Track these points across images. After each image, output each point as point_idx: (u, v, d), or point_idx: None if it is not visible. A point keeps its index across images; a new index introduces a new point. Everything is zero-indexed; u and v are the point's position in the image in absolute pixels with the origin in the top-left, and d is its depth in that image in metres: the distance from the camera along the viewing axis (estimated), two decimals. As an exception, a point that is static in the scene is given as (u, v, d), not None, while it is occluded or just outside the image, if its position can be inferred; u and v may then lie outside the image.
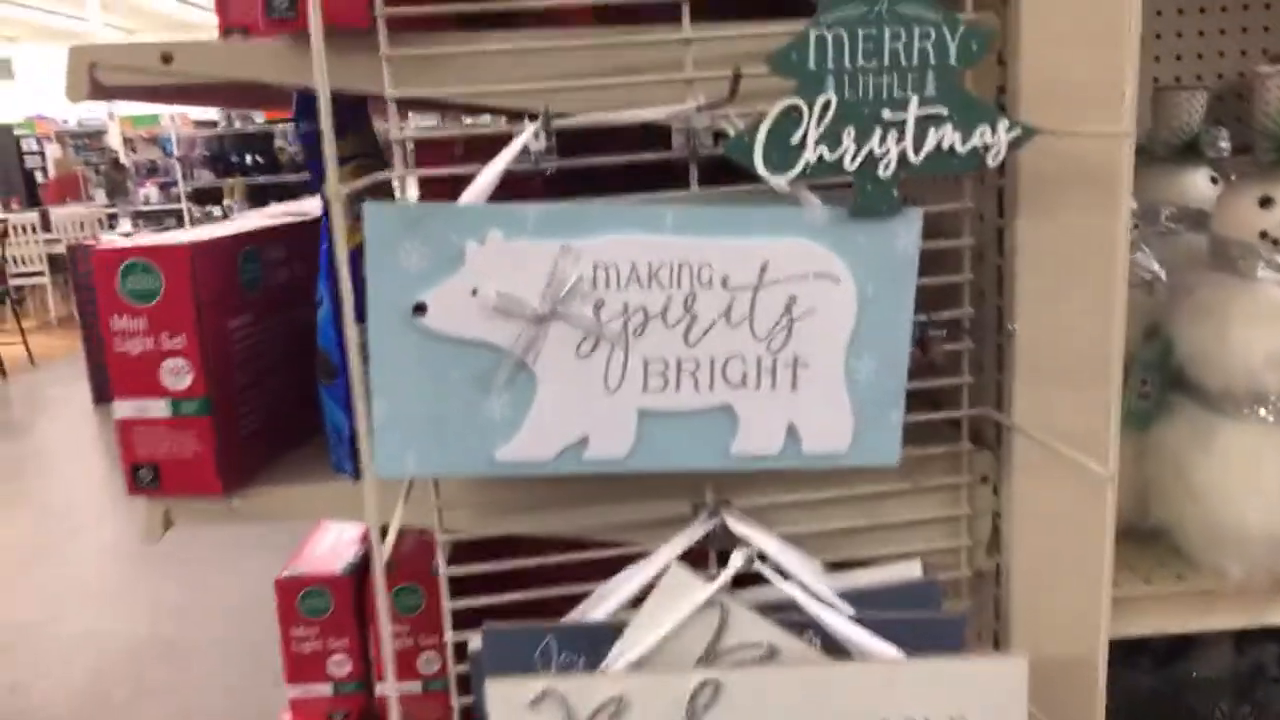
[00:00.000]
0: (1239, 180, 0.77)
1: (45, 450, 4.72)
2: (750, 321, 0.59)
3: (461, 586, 0.67)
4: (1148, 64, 1.06)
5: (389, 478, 0.59)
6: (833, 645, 0.62)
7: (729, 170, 0.59)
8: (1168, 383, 0.75)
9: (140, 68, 0.64)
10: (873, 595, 0.65)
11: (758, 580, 0.63)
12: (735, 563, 0.61)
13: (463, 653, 0.67)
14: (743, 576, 0.62)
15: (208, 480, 0.69)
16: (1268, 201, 0.71)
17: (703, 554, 0.65)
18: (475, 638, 0.65)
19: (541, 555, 0.68)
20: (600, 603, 0.64)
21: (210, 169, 9.41)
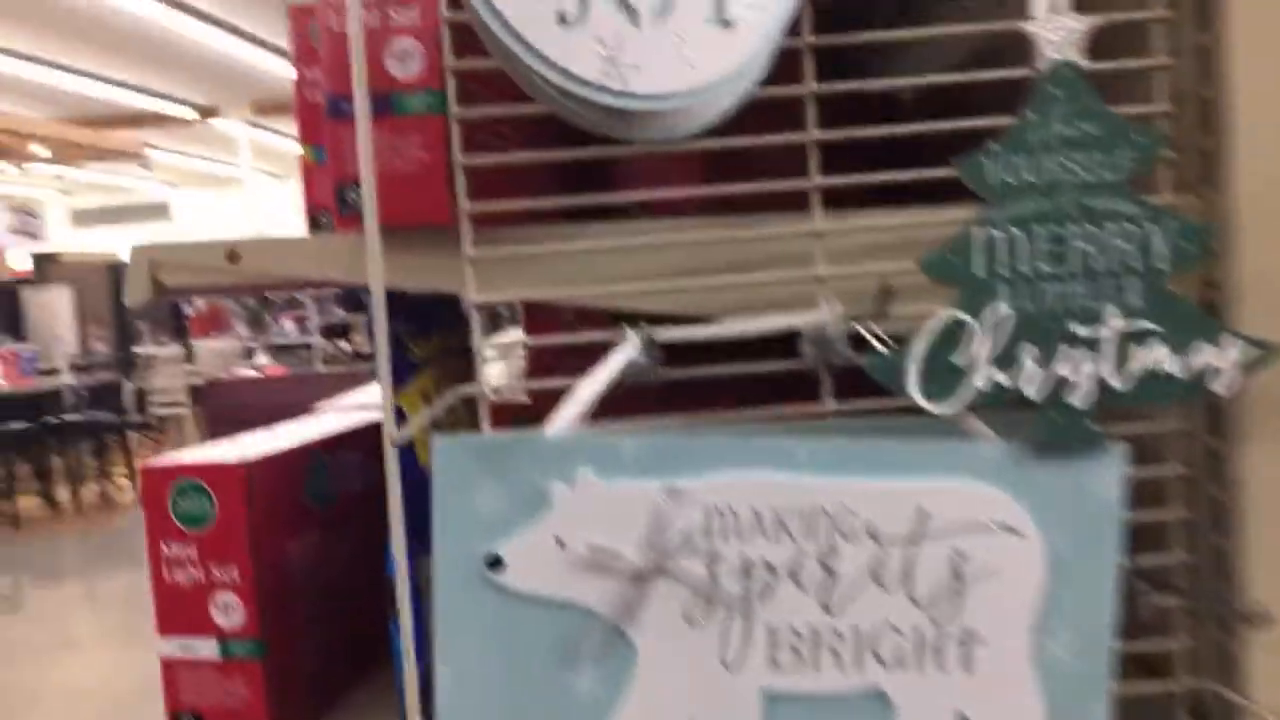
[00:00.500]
0: None
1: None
2: (907, 584, 0.46)
3: None
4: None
5: (453, 769, 0.48)
6: None
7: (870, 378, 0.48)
8: None
9: (206, 267, 0.57)
10: None
11: None
12: None
13: None
14: None
15: (258, 733, 0.59)
16: None
17: None
18: None
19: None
20: None
21: (342, 305, 9.84)
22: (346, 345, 8.81)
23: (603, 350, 0.52)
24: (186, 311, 10.71)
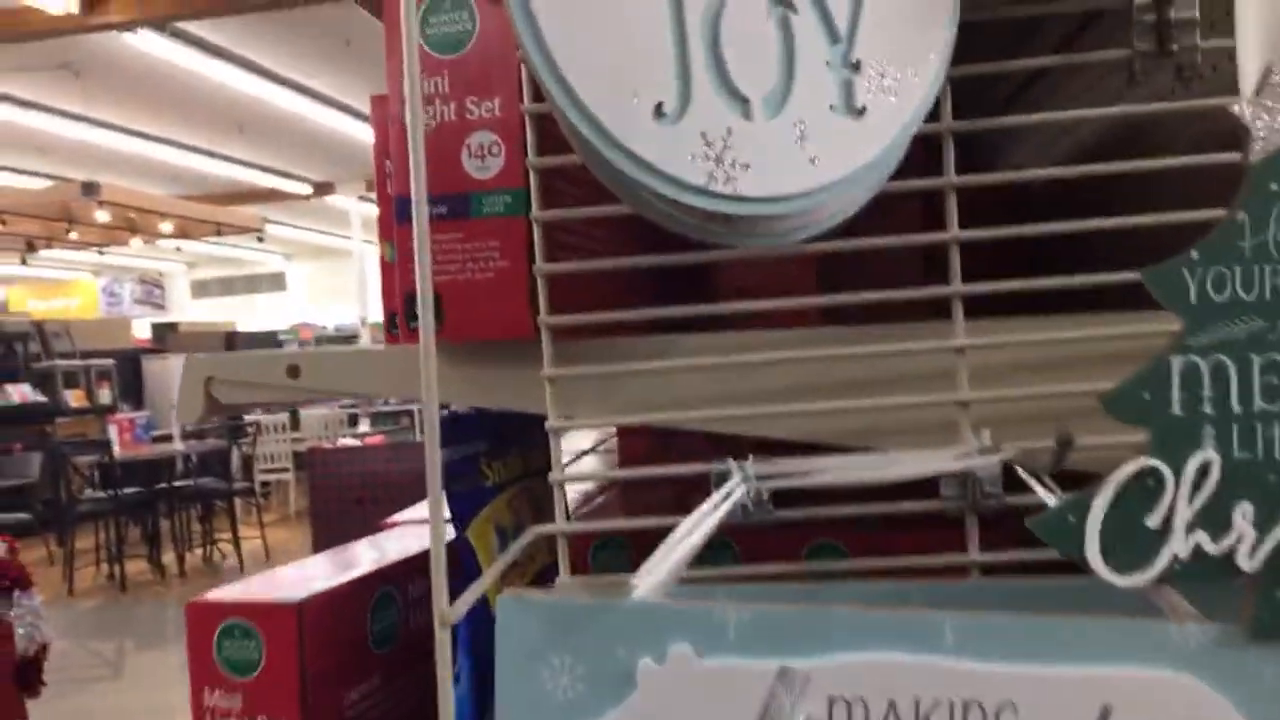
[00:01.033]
0: None
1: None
2: (1085, 805, 0.37)
3: None
4: None
5: None
6: None
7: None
8: None
9: (264, 383, 0.52)
10: None
11: None
12: None
13: None
14: None
15: None
16: None
17: None
18: None
19: None
20: None
21: (443, 372, 9.97)
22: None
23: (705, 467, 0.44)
24: (295, 379, 11.04)
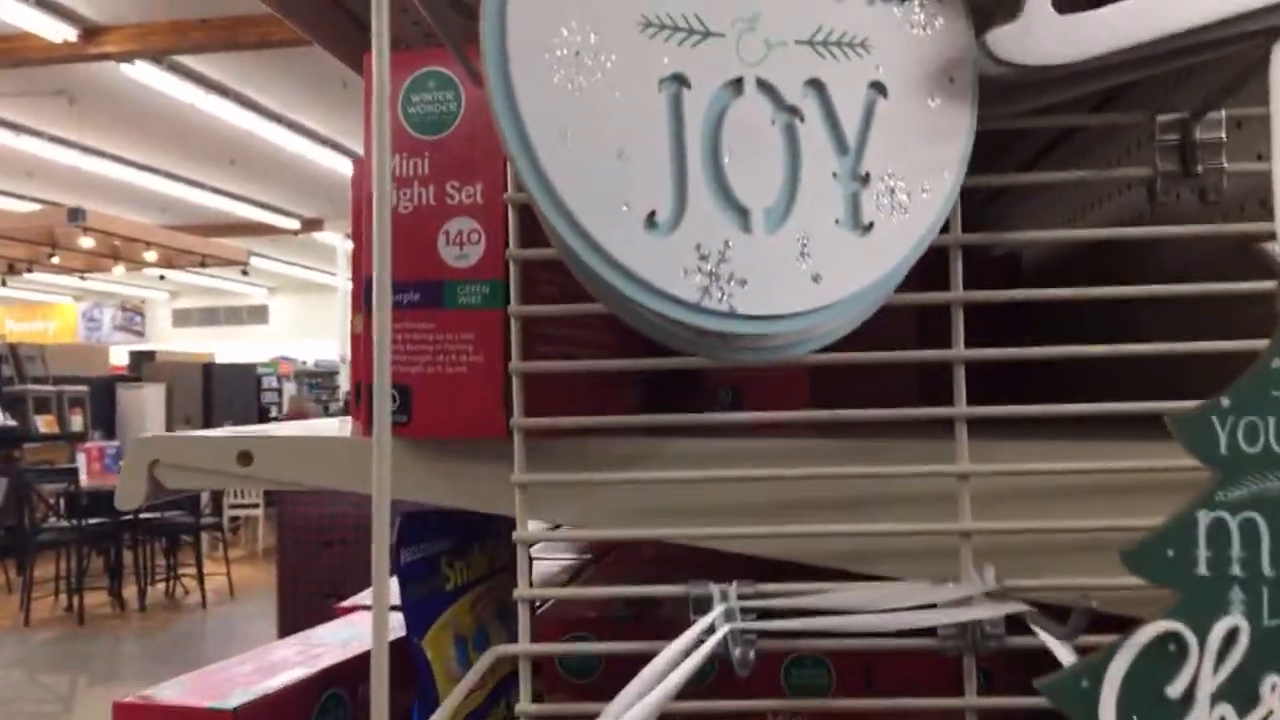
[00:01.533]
0: None
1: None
2: None
3: None
4: None
5: None
6: None
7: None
8: None
9: (213, 469, 0.48)
10: None
11: None
12: None
13: None
14: None
15: None
16: None
17: None
18: None
19: None
20: None
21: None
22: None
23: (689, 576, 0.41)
24: (271, 411, 10.91)
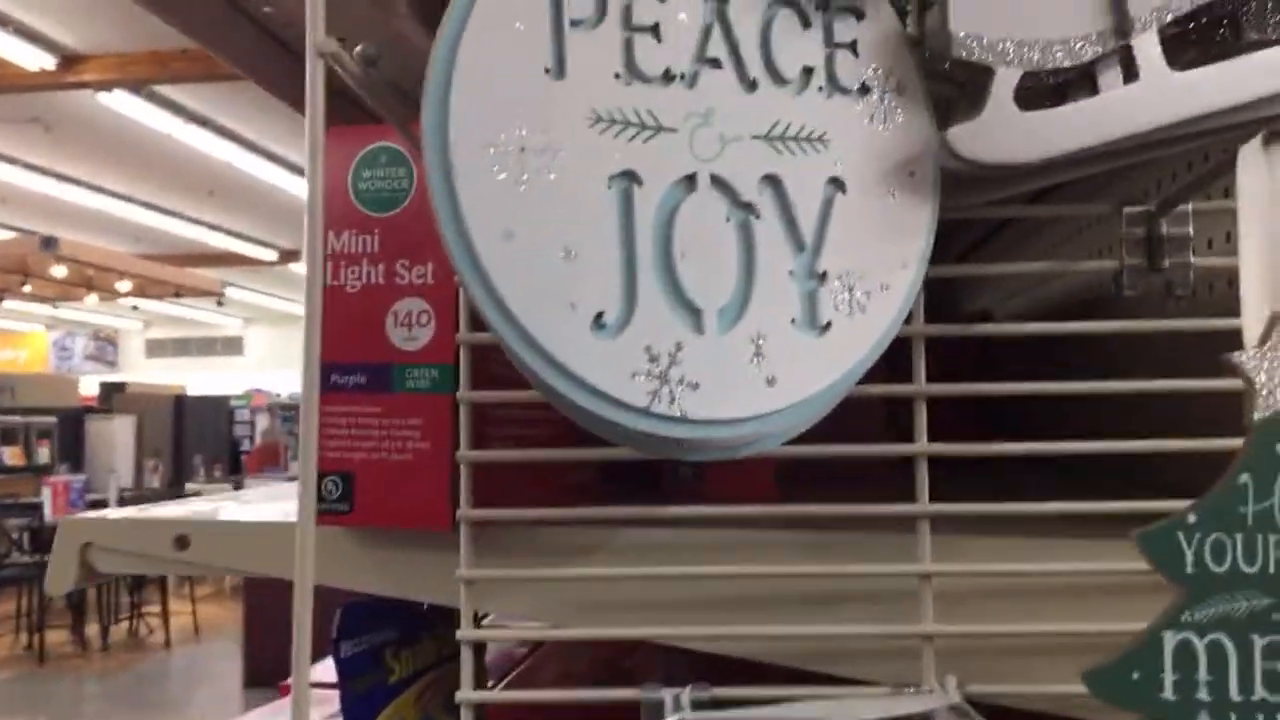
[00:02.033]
0: None
1: (189, 734, 4.59)
2: None
3: None
4: None
5: None
6: None
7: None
8: None
9: (147, 554, 0.46)
10: None
11: None
12: None
13: None
14: None
15: None
16: None
17: None
18: None
19: None
20: None
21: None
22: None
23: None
24: (243, 445, 10.78)
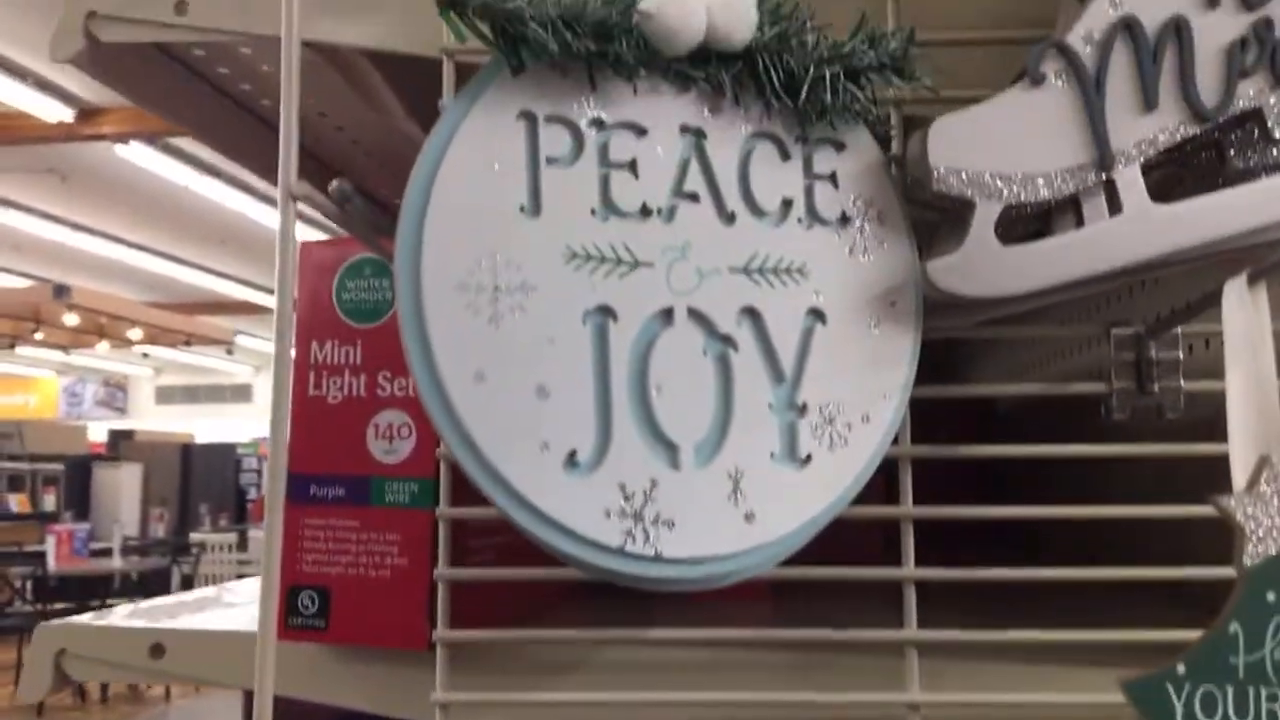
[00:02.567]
0: None
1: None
2: None
3: None
4: None
5: None
6: None
7: None
8: None
9: (122, 663, 0.45)
10: None
11: None
12: None
13: None
14: None
15: None
16: None
17: None
18: None
19: None
20: None
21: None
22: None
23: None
24: (249, 493, 10.74)
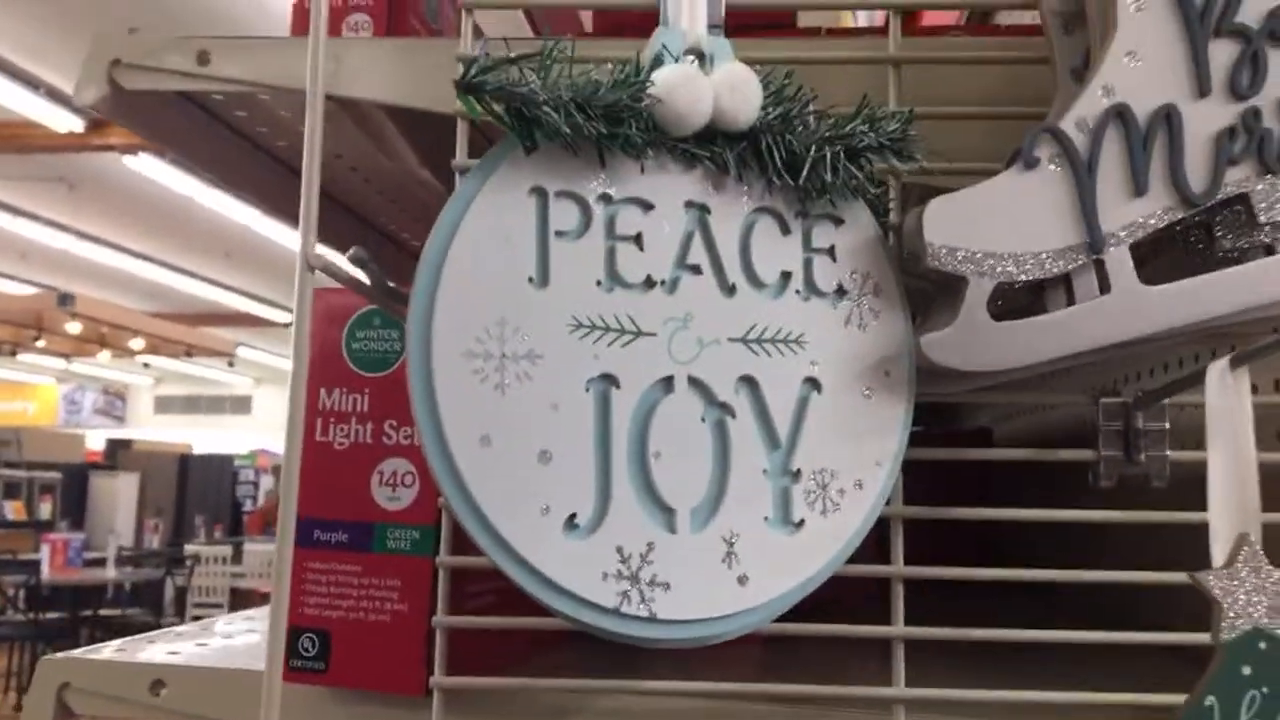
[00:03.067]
0: None
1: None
2: None
3: None
4: None
5: None
6: None
7: None
8: None
9: (122, 697, 0.46)
10: None
11: None
12: None
13: None
14: None
15: None
16: None
17: None
18: None
19: None
20: None
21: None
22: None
23: None
24: (245, 506, 10.71)
